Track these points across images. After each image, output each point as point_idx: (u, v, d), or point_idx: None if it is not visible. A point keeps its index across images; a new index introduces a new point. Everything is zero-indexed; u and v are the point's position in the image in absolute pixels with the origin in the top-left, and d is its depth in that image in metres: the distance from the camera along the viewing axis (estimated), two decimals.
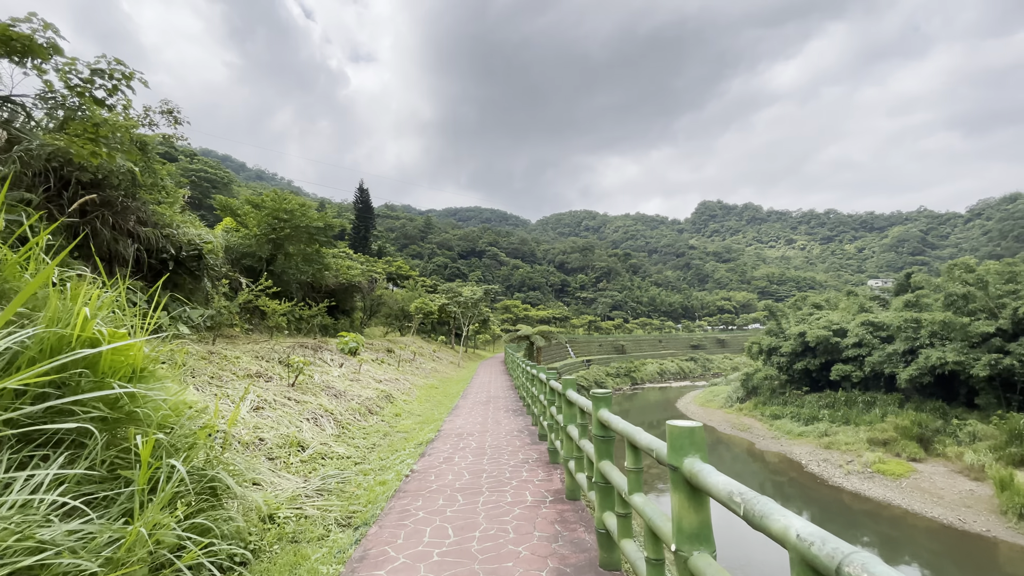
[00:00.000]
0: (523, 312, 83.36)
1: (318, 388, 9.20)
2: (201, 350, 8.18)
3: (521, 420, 10.52)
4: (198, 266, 9.40)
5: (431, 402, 13.77)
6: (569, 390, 5.43)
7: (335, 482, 5.81)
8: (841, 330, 30.60)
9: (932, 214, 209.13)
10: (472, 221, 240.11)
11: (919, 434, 21.91)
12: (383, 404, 10.95)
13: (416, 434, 9.01)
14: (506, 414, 11.36)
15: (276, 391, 7.83)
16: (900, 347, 26.12)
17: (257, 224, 15.41)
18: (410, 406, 12.34)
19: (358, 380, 11.81)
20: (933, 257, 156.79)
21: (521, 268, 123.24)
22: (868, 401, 27.37)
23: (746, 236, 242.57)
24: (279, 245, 15.79)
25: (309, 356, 11.08)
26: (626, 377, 62.07)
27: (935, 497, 17.82)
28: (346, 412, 8.79)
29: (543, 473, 6.48)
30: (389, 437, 8.72)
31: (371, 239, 69.05)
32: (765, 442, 28.31)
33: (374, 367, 14.98)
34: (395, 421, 10.22)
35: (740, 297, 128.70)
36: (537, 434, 8.78)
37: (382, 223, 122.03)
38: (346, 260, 22.38)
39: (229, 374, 7.62)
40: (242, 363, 8.53)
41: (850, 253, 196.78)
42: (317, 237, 16.80)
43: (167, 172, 10.71)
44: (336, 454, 6.88)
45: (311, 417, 7.58)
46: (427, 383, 17.77)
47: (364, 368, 13.46)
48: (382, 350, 19.01)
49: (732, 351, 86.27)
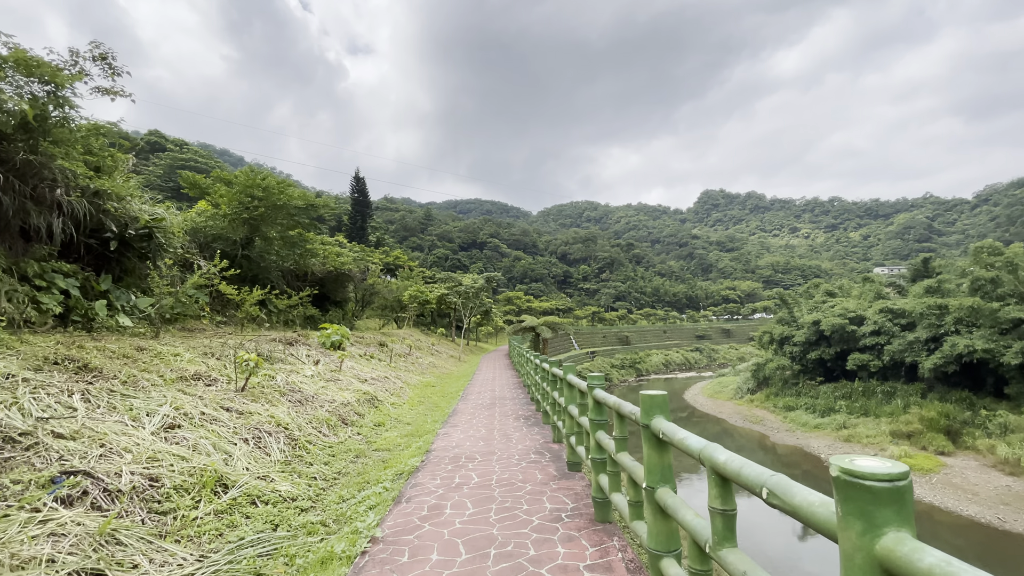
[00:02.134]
0: (526, 304, 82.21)
1: (278, 393, 7.54)
2: (128, 347, 6.66)
3: (537, 433, 8.35)
4: (148, 247, 8.14)
5: (425, 405, 12.02)
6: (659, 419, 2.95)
7: (252, 556, 3.78)
8: (858, 318, 29.34)
9: (938, 200, 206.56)
10: (473, 213, 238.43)
11: (946, 426, 20.74)
12: (364, 410, 9.35)
13: (398, 456, 7.05)
14: (516, 423, 9.35)
15: (214, 399, 6.17)
16: (922, 335, 24.87)
17: (228, 203, 13.79)
18: (399, 411, 10.69)
19: (337, 380, 10.21)
20: (940, 244, 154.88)
21: (523, 259, 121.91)
22: (888, 391, 26.19)
23: (749, 225, 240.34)
24: (255, 227, 14.28)
25: (280, 352, 9.63)
26: (631, 368, 61.00)
27: (969, 494, 16.67)
28: (309, 425, 7.11)
29: (591, 544, 3.98)
30: (362, 460, 6.85)
31: (369, 230, 67.54)
32: (779, 435, 27.19)
33: (361, 363, 13.29)
34: (375, 434, 8.38)
35: (745, 286, 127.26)
36: (565, 459, 6.46)
37: (381, 215, 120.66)
38: (335, 247, 20.81)
39: (155, 377, 6.02)
40: (180, 362, 6.94)
41: (855, 241, 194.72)
42: (298, 218, 15.30)
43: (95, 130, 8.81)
44: (275, 496, 4.94)
45: (253, 436, 5.79)
46: (422, 381, 16.14)
47: (347, 365, 11.81)
48: (373, 344, 17.18)
49: (738, 341, 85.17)
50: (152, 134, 72.54)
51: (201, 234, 13.19)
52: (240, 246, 13.88)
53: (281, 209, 14.31)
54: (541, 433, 8.44)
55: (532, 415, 10.46)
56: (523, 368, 15.63)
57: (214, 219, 13.89)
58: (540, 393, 9.55)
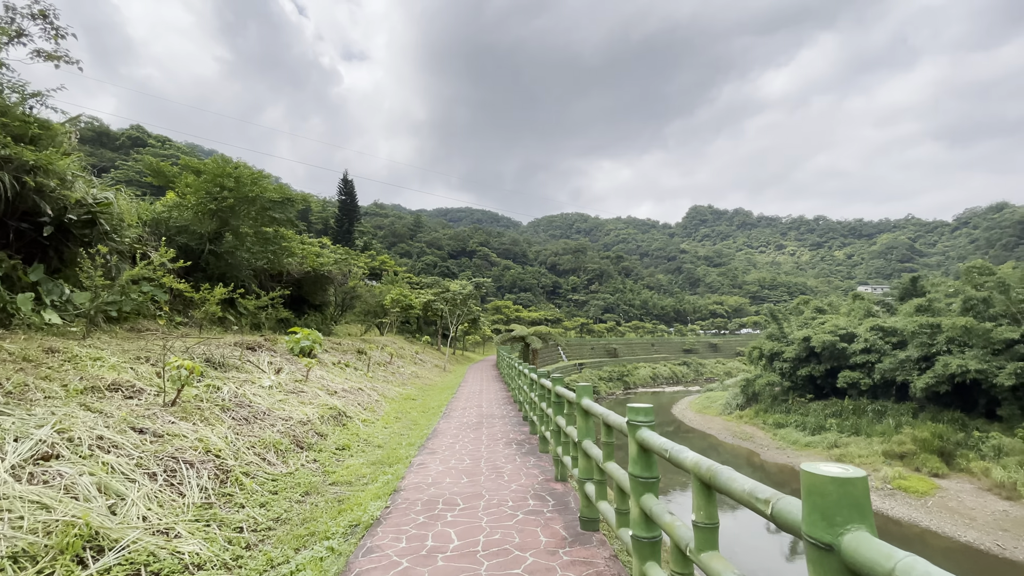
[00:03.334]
0: (515, 313, 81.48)
1: (219, 408, 6.34)
2: (36, 348, 5.63)
3: (533, 465, 6.96)
4: (90, 235, 7.23)
5: (402, 422, 10.63)
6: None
7: None
8: (849, 335, 29.12)
9: (920, 222, 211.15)
10: (463, 221, 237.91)
11: (940, 447, 20.35)
12: (327, 429, 8.04)
13: (359, 496, 5.56)
14: (507, 451, 7.93)
15: (126, 417, 4.92)
16: (914, 353, 24.63)
17: (195, 193, 12.67)
18: (370, 430, 9.21)
19: (300, 392, 8.91)
20: (921, 264, 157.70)
21: (512, 269, 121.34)
22: (878, 410, 25.87)
23: (736, 241, 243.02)
24: (224, 220, 13.18)
25: (236, 359, 8.39)
26: (619, 381, 60.44)
27: (966, 518, 16.20)
28: (251, 450, 5.79)
29: None
30: (312, 500, 5.37)
31: (356, 234, 66.28)
32: (770, 452, 26.68)
33: (333, 373, 12.02)
34: (336, 461, 6.96)
35: (732, 301, 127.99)
36: (574, 510, 5.03)
37: (370, 221, 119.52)
38: (315, 247, 19.66)
39: (56, 387, 4.87)
40: (99, 369, 5.78)
41: (839, 259, 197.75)
42: (273, 213, 14.11)
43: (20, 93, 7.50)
44: (172, 561, 3.55)
45: (166, 468, 4.47)
46: (402, 393, 14.65)
47: (316, 374, 10.61)
48: (351, 351, 15.94)
49: (725, 356, 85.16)
50: (134, 129, 70.92)
51: (163, 226, 12.04)
52: (207, 241, 12.75)
53: (254, 202, 13.26)
54: (539, 465, 7.00)
55: (526, 439, 8.97)
56: (514, 382, 14.08)
57: (178, 210, 12.75)
58: (536, 414, 8.17)
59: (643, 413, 3.20)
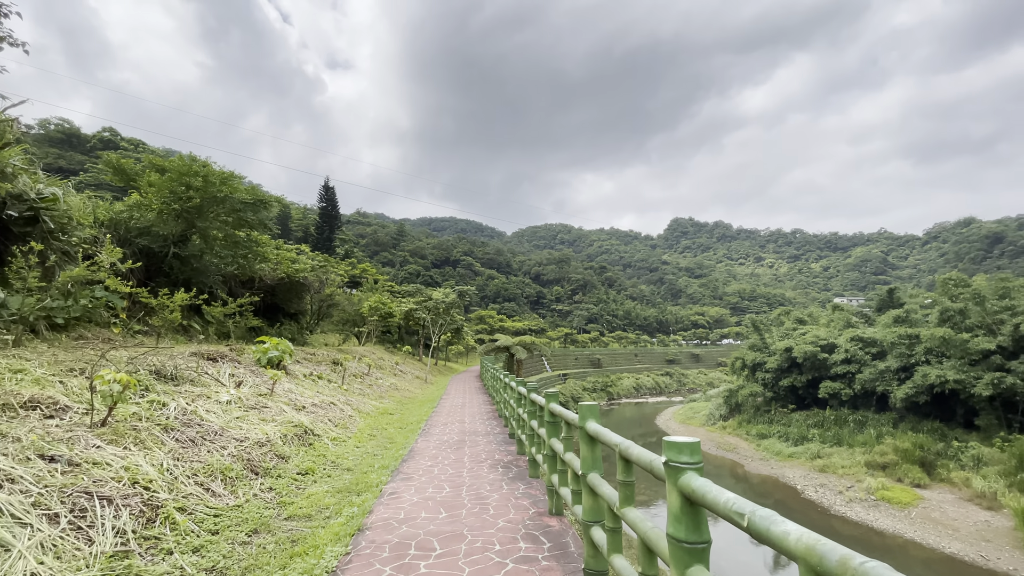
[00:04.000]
0: (498, 323, 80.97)
1: (160, 429, 5.50)
2: None
3: (522, 494, 6.14)
4: (32, 233, 6.60)
5: (377, 440, 9.70)
6: None
7: None
8: (829, 345, 29.39)
9: (892, 236, 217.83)
10: (447, 231, 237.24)
11: (921, 457, 20.46)
12: (290, 450, 7.19)
13: (316, 535, 4.70)
14: (493, 475, 7.11)
15: (34, 442, 4.12)
16: (893, 364, 24.92)
17: (158, 192, 11.89)
18: (340, 450, 8.31)
19: (262, 408, 8.03)
20: (894, 277, 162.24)
21: (496, 278, 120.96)
22: (859, 420, 26.05)
23: (717, 253, 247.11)
24: (190, 222, 12.43)
25: (193, 370, 7.63)
26: (603, 392, 60.27)
27: (950, 529, 16.19)
28: (192, 479, 4.95)
29: None
30: (259, 542, 4.49)
31: (337, 242, 65.11)
32: (754, 464, 26.59)
33: (304, 386, 11.13)
34: (296, 489, 6.02)
35: (713, 312, 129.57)
36: (575, 554, 4.38)
37: (352, 229, 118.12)
38: (290, 252, 18.80)
39: None
40: (17, 383, 5.02)
41: (816, 271, 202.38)
42: (245, 216, 13.35)
43: None
44: None
45: (74, 507, 3.66)
46: (379, 407, 13.70)
47: (284, 387, 9.81)
48: (326, 362, 15.05)
49: (707, 366, 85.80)
50: (106, 130, 68.91)
51: (123, 227, 11.18)
52: (172, 243, 11.93)
53: (223, 203, 12.52)
54: (529, 494, 6.11)
55: (513, 460, 8.05)
56: (499, 395, 13.20)
57: (140, 210, 11.87)
58: (526, 433, 7.31)
59: (688, 451, 2.18)
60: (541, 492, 6.31)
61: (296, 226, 76.56)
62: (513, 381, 9.32)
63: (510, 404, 9.98)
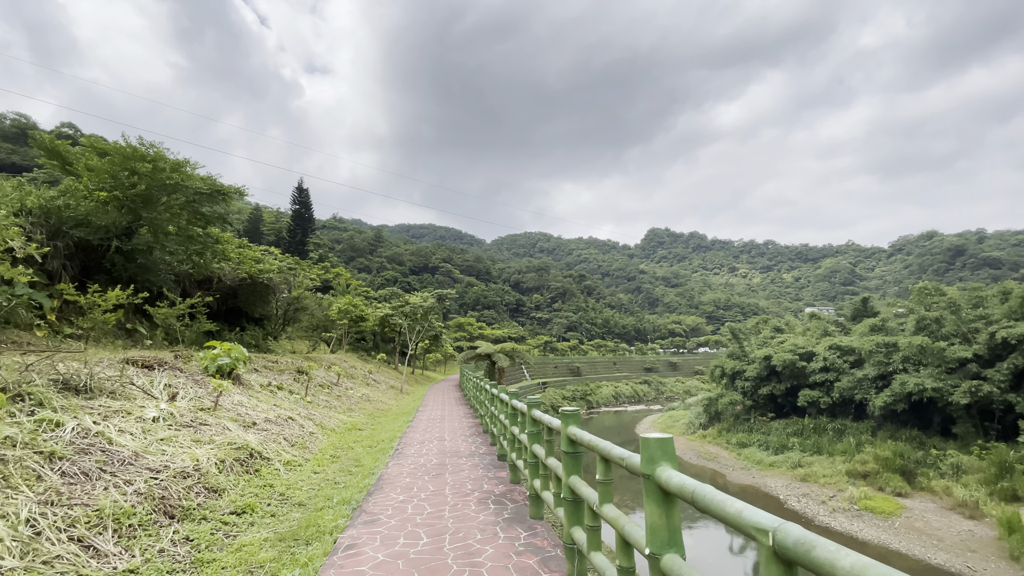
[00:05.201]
0: (478, 331, 79.96)
1: (43, 458, 4.25)
2: None
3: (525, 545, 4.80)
4: None
5: (340, 464, 8.29)
6: None
7: None
8: (808, 354, 29.50)
9: (859, 248, 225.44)
10: (426, 238, 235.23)
11: (901, 466, 20.42)
12: (227, 480, 5.90)
13: None
14: (483, 513, 5.74)
15: None
16: (871, 372, 25.06)
17: (97, 177, 10.56)
18: (293, 478, 6.99)
19: (202, 426, 6.78)
20: (861, 288, 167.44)
21: (476, 286, 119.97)
22: (838, 428, 26.06)
23: (692, 263, 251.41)
24: (136, 213, 11.04)
25: (115, 381, 6.36)
26: (582, 400, 59.81)
27: (934, 540, 16.01)
28: (67, 531, 3.75)
29: None
30: None
31: (311, 246, 63.20)
32: (735, 473, 26.30)
33: (258, 398, 9.79)
34: (221, 539, 4.77)
35: (690, 321, 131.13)
36: None
37: (328, 235, 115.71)
38: (254, 251, 17.40)
39: None
40: None
41: (788, 282, 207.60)
42: (200, 208, 12.05)
43: None
44: None
45: None
46: (347, 422, 12.29)
47: (233, 400, 8.50)
48: (290, 371, 13.64)
49: (684, 374, 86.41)
50: (66, 126, 65.72)
51: (55, 217, 9.73)
52: (114, 237, 10.57)
53: (174, 192, 11.18)
54: (533, 545, 4.74)
55: (507, 491, 6.61)
56: (484, 408, 11.92)
57: (75, 197, 10.35)
58: (526, 460, 5.92)
59: None
60: (550, 543, 4.83)
61: (268, 230, 74.29)
62: (503, 394, 8.11)
63: (499, 421, 8.53)
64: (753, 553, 16.94)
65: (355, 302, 25.42)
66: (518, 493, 6.63)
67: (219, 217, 12.62)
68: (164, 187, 10.95)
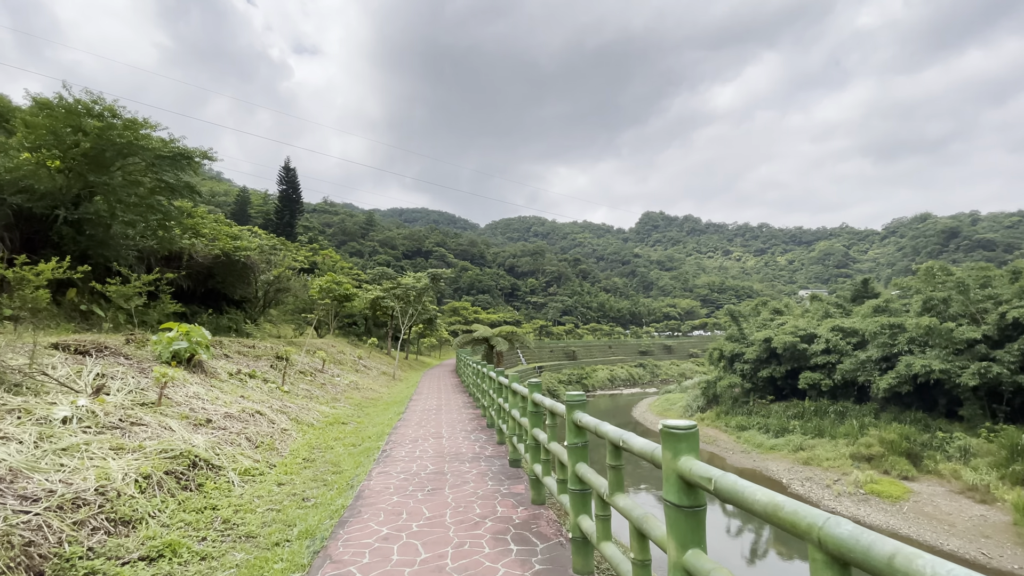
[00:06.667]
0: (473, 315, 79.20)
1: None
2: None
3: None
4: None
5: (312, 471, 6.92)
6: None
7: None
8: (809, 336, 28.97)
9: (853, 231, 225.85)
10: (419, 222, 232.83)
11: (907, 449, 19.98)
12: (150, 505, 4.53)
13: None
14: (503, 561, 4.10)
15: None
16: (875, 354, 24.53)
17: (34, 135, 8.99)
18: (247, 494, 5.61)
19: (134, 427, 5.50)
20: (855, 270, 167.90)
21: (470, 270, 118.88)
22: (840, 411, 25.66)
23: (687, 246, 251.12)
24: (84, 178, 9.54)
25: (23, 373, 5.16)
26: (578, 384, 59.57)
27: (945, 524, 15.57)
28: None
29: None
30: None
31: (299, 229, 61.50)
32: (736, 456, 25.92)
33: (225, 389, 8.50)
34: None
35: (685, 304, 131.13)
36: None
37: (319, 218, 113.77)
38: (229, 226, 16.07)
39: None
40: None
41: (781, 265, 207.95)
42: (163, 175, 10.53)
43: None
44: None
45: None
46: (330, 414, 10.95)
47: (187, 393, 7.28)
48: (268, 356, 12.28)
49: (678, 357, 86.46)
50: None
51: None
52: (61, 205, 9.21)
53: (129, 154, 9.72)
54: None
55: (530, 516, 5.07)
56: (487, 398, 10.48)
57: (11, 159, 8.93)
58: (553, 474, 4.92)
59: None
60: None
61: (256, 212, 72.49)
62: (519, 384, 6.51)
63: (512, 418, 6.72)
64: (748, 532, 16.49)
65: (338, 279, 23.74)
66: (546, 522, 4.91)
67: (187, 187, 11.37)
68: (117, 148, 9.56)
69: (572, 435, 4.01)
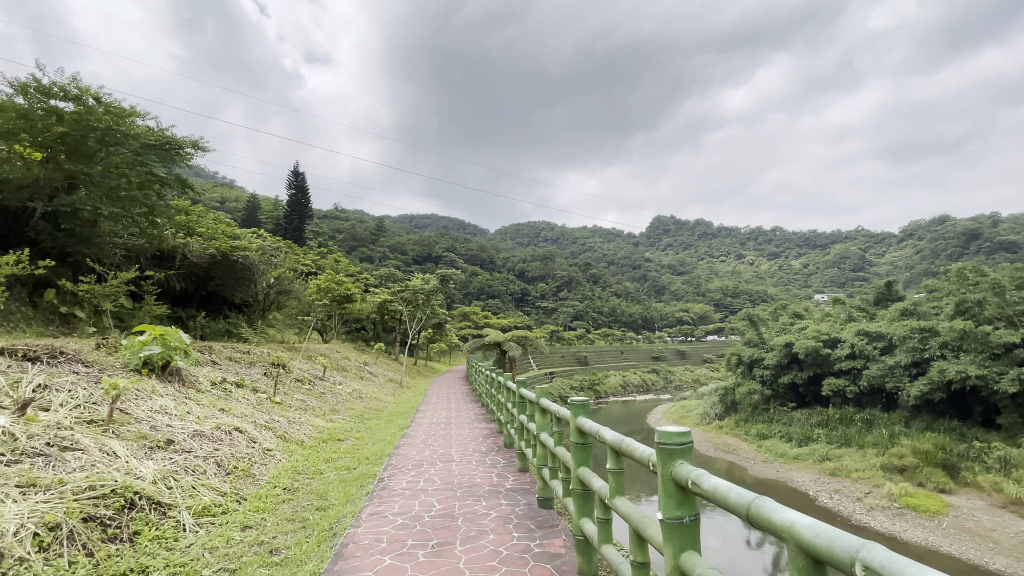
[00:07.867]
0: (483, 320, 78.57)
1: None
2: None
3: None
4: None
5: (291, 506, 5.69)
6: None
7: None
8: (832, 340, 27.85)
9: (869, 233, 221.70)
10: (429, 228, 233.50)
11: (943, 460, 18.84)
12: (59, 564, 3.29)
13: None
14: None
15: None
16: (904, 359, 23.38)
17: (3, 119, 8.46)
18: (193, 547, 4.24)
19: (66, 452, 4.46)
20: (872, 274, 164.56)
21: (480, 275, 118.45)
22: (867, 419, 24.50)
23: (698, 251, 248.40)
24: (63, 169, 8.98)
25: None
26: (590, 390, 58.52)
27: (989, 542, 14.48)
28: None
29: None
30: None
31: (309, 234, 61.31)
32: (757, 467, 24.83)
33: (201, 400, 7.52)
34: None
35: (698, 309, 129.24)
36: None
37: (329, 224, 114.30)
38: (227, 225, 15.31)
39: None
40: None
41: (796, 268, 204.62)
42: (151, 166, 9.83)
43: None
44: None
45: None
46: (324, 429, 9.86)
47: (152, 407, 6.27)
48: (263, 362, 11.42)
49: (692, 363, 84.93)
50: None
51: None
52: (38, 199, 8.58)
53: (113, 142, 9.04)
54: None
55: None
56: (503, 412, 9.28)
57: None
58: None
59: None
60: None
61: (266, 218, 72.81)
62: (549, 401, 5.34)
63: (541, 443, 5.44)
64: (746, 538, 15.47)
65: (338, 278, 22.75)
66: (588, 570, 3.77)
67: (178, 180, 10.75)
68: (98, 135, 8.97)
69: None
